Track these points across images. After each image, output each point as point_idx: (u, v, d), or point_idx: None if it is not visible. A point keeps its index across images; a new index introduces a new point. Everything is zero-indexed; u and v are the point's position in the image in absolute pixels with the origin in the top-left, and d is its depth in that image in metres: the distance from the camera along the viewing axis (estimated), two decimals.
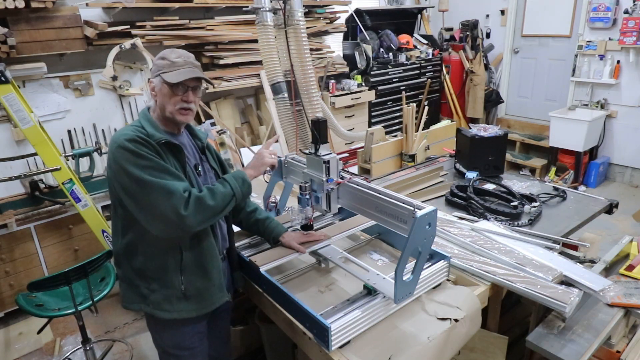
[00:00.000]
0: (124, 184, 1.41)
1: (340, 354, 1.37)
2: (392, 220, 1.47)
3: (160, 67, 1.49)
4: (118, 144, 1.41)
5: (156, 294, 1.53)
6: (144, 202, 1.40)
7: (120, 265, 1.60)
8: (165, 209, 1.37)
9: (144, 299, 1.56)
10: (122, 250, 1.56)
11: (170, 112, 1.51)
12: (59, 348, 2.91)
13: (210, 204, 1.44)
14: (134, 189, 1.39)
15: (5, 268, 3.04)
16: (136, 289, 1.56)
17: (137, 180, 1.38)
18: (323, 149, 1.71)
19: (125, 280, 1.60)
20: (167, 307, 1.54)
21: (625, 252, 1.97)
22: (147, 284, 1.54)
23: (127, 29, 3.64)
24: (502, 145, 2.78)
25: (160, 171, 1.41)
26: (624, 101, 4.92)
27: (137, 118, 1.58)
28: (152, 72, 1.52)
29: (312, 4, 4.84)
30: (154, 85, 1.52)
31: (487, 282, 1.69)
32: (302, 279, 1.78)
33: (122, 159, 1.39)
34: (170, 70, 1.48)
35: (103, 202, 3.39)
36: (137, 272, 1.55)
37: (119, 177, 1.42)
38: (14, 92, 2.54)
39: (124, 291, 1.62)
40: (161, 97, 1.51)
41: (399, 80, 5.55)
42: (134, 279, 1.56)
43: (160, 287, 1.53)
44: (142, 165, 1.39)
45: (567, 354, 1.46)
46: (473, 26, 5.90)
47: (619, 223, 4.12)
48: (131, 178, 1.38)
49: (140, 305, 1.57)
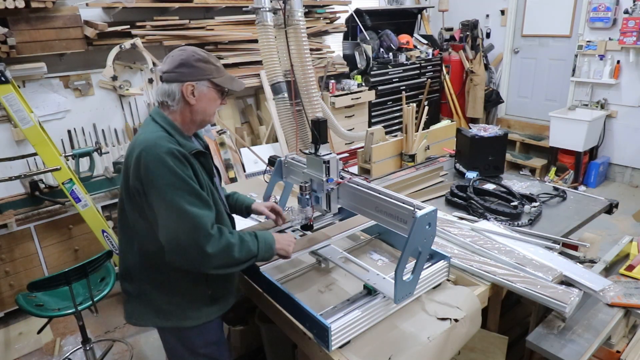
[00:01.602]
0: (154, 200, 1.34)
1: (340, 354, 1.37)
2: (392, 220, 1.47)
3: (207, 71, 1.44)
4: (156, 156, 1.32)
5: (179, 306, 1.49)
6: (169, 226, 1.33)
7: (132, 280, 1.51)
8: (188, 240, 1.31)
9: (162, 314, 1.49)
10: (139, 264, 1.47)
11: (210, 117, 1.50)
12: (59, 348, 2.91)
13: (235, 256, 1.39)
14: (163, 209, 1.33)
15: (5, 268, 3.04)
16: (151, 305, 1.50)
17: (167, 202, 1.32)
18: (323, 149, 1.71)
19: (138, 295, 1.51)
20: (195, 314, 1.51)
21: (625, 252, 1.97)
22: (168, 298, 1.48)
23: (127, 29, 3.64)
24: (502, 145, 2.78)
25: (194, 196, 1.34)
26: (624, 101, 4.92)
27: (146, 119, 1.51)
28: (191, 75, 1.43)
29: (312, 4, 4.84)
30: (194, 90, 1.44)
31: (487, 282, 1.69)
32: (302, 279, 1.78)
33: (157, 174, 1.32)
34: (219, 75, 1.47)
35: (103, 202, 3.39)
36: (156, 286, 1.48)
37: (149, 189, 1.34)
38: (14, 92, 2.54)
39: (133, 307, 1.54)
40: (205, 102, 1.46)
41: (399, 80, 5.55)
42: (150, 293, 1.49)
43: (183, 299, 1.49)
44: (177, 186, 1.32)
45: (567, 354, 1.46)
46: (473, 26, 5.90)
47: (619, 223, 4.12)
48: (161, 198, 1.32)
49: (155, 320, 1.51)
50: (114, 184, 3.40)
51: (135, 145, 1.40)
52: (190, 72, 1.43)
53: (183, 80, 1.43)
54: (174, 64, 1.44)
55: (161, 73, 1.47)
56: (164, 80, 1.46)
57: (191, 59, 1.43)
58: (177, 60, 1.44)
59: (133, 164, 1.37)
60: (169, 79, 1.44)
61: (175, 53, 1.47)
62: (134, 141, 1.44)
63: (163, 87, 1.46)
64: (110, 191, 3.45)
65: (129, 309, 1.56)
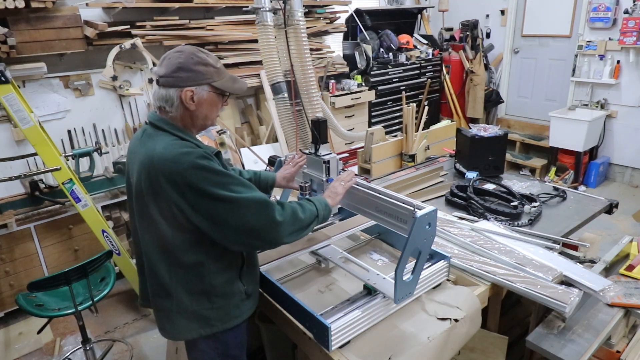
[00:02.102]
0: (202, 206, 1.29)
1: (340, 354, 1.37)
2: (392, 220, 1.47)
3: (207, 74, 1.37)
4: (190, 165, 1.27)
5: (221, 309, 1.46)
6: (232, 221, 1.30)
7: (169, 295, 1.43)
8: (259, 221, 1.32)
9: (206, 321, 1.45)
10: (175, 278, 1.42)
11: (212, 121, 1.45)
12: (59, 348, 2.91)
13: (301, 217, 1.42)
14: (219, 209, 1.29)
15: (5, 268, 3.04)
16: (194, 315, 1.44)
17: (225, 199, 1.29)
18: (323, 149, 1.71)
19: (178, 310, 1.44)
20: (236, 313, 1.49)
21: (625, 252, 1.97)
22: (210, 304, 1.44)
23: (127, 29, 3.64)
24: (502, 145, 2.78)
25: (242, 185, 1.33)
26: (624, 101, 4.92)
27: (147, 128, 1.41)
28: (190, 80, 1.35)
29: (312, 4, 4.84)
30: (194, 95, 1.36)
31: (487, 282, 1.70)
32: (302, 279, 1.78)
33: (201, 180, 1.27)
34: (220, 78, 1.40)
35: (103, 202, 3.39)
36: (196, 297, 1.43)
37: (192, 199, 1.29)
38: (14, 92, 2.54)
39: (177, 324, 1.46)
40: (206, 107, 1.40)
41: (399, 80, 5.55)
42: (191, 305, 1.43)
43: (224, 300, 1.46)
44: (224, 182, 1.30)
45: (567, 354, 1.46)
46: (473, 26, 5.90)
47: (619, 223, 4.12)
48: (215, 199, 1.28)
49: (200, 330, 1.46)
50: (114, 184, 3.40)
51: (158, 159, 1.29)
52: (189, 76, 1.35)
53: (182, 86, 1.35)
54: (171, 67, 1.35)
55: (157, 77, 1.38)
56: (160, 85, 1.37)
57: (190, 63, 1.35)
58: (175, 63, 1.35)
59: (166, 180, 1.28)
60: (167, 84, 1.36)
61: (172, 55, 1.37)
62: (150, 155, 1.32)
63: (160, 92, 1.37)
64: (110, 191, 3.45)
65: (169, 325, 1.48)
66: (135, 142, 1.45)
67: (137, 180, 1.38)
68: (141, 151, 1.37)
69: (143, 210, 1.40)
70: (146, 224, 1.42)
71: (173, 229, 1.35)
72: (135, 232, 1.53)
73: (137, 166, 1.37)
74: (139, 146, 1.40)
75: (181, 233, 1.36)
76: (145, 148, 1.36)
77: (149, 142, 1.37)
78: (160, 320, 1.51)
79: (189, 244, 1.38)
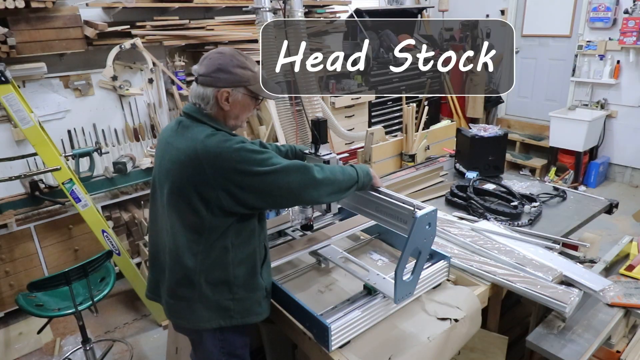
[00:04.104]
0: (249, 183, 1.36)
1: (340, 354, 1.38)
2: (392, 220, 1.47)
3: (244, 77, 1.43)
4: (232, 150, 1.35)
5: (241, 302, 1.49)
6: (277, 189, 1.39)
7: (192, 284, 1.47)
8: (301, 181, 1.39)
9: (226, 312, 1.48)
10: (199, 268, 1.45)
11: (242, 122, 1.51)
12: (59, 348, 2.91)
13: (340, 179, 1.48)
14: (265, 182, 1.37)
15: (5, 268, 3.04)
16: (216, 305, 1.48)
17: (268, 172, 1.36)
18: (323, 149, 1.71)
19: (200, 299, 1.48)
20: (258, 310, 1.52)
21: (625, 252, 1.97)
22: (232, 294, 1.48)
23: (127, 29, 3.64)
24: (502, 145, 2.78)
25: (279, 157, 1.42)
26: (624, 101, 4.92)
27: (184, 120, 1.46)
28: (228, 82, 1.42)
29: (312, 4, 4.84)
30: (229, 96, 1.43)
31: (487, 282, 1.70)
32: (302, 279, 1.78)
33: (244, 162, 1.35)
34: (256, 82, 1.46)
35: (103, 202, 3.39)
36: (219, 287, 1.47)
37: (240, 180, 1.36)
38: (14, 92, 2.54)
39: (197, 312, 1.49)
40: (239, 109, 1.47)
41: (399, 80, 5.55)
42: (213, 294, 1.47)
43: (245, 292, 1.49)
44: (264, 159, 1.37)
45: (567, 354, 1.46)
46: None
47: (619, 223, 4.12)
48: (259, 174, 1.36)
49: (220, 320, 1.49)
50: (114, 184, 3.40)
51: (202, 147, 1.36)
52: (227, 78, 1.41)
53: (219, 86, 1.41)
54: (211, 67, 1.41)
55: (197, 74, 1.44)
56: (199, 83, 1.44)
57: (229, 65, 1.41)
58: (215, 64, 1.41)
59: (213, 168, 1.35)
60: (205, 83, 1.42)
61: (213, 56, 1.44)
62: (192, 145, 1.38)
63: (198, 90, 1.44)
64: (110, 191, 3.44)
65: (189, 314, 1.51)
66: (170, 133, 1.49)
67: (175, 169, 1.42)
68: (180, 141, 1.42)
69: (179, 198, 1.43)
70: (178, 213, 1.45)
71: (212, 215, 1.40)
72: (155, 223, 1.57)
73: (175, 156, 1.41)
74: (175, 137, 1.45)
75: (220, 218, 1.41)
76: (185, 138, 1.41)
77: (188, 133, 1.42)
78: (180, 311, 1.53)
79: (216, 232, 1.42)
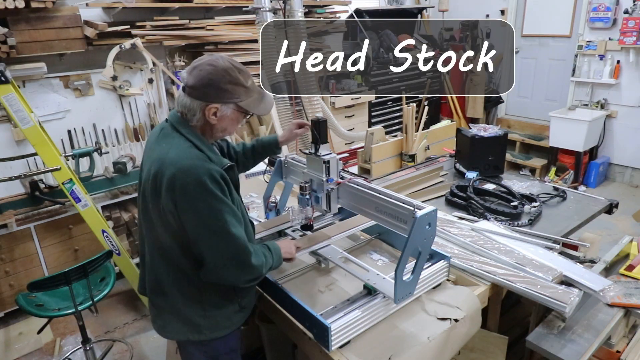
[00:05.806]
0: (193, 223, 1.31)
1: (340, 354, 1.38)
2: (392, 220, 1.47)
3: (235, 94, 1.35)
4: (196, 180, 1.27)
5: (212, 318, 1.46)
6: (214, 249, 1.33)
7: (164, 294, 1.45)
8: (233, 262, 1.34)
9: (196, 327, 1.45)
10: (171, 279, 1.43)
11: (229, 134, 1.48)
12: (59, 348, 2.91)
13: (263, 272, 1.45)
14: (206, 235, 1.31)
15: (5, 268, 3.04)
16: (185, 319, 1.45)
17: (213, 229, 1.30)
18: (323, 149, 1.71)
19: (171, 311, 1.47)
20: (226, 324, 1.50)
21: (625, 252, 1.97)
22: (203, 311, 1.45)
23: (127, 29, 3.64)
24: (502, 145, 2.78)
25: (233, 217, 1.34)
26: (624, 101, 4.92)
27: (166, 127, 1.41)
28: (217, 98, 1.34)
29: (312, 4, 4.84)
30: (217, 112, 1.35)
31: (487, 282, 1.70)
32: (302, 279, 1.78)
33: (199, 199, 1.28)
34: (248, 97, 1.38)
35: (103, 202, 3.39)
36: (188, 300, 1.44)
37: (187, 213, 1.30)
38: (14, 92, 2.54)
39: (165, 321, 1.49)
40: (227, 123, 1.40)
41: (399, 80, 5.55)
42: (183, 308, 1.44)
43: (217, 309, 1.46)
44: (219, 210, 1.30)
45: (567, 354, 1.46)
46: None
47: (619, 223, 4.12)
48: (205, 223, 1.30)
49: (189, 335, 1.47)
50: (114, 184, 3.40)
51: (166, 162, 1.31)
52: (217, 94, 1.34)
53: (208, 101, 1.34)
54: (201, 81, 1.32)
55: (184, 83, 1.35)
56: (186, 94, 1.35)
57: (221, 81, 1.32)
58: (206, 77, 1.32)
59: (166, 185, 1.29)
60: (193, 95, 1.34)
61: (204, 68, 1.33)
62: (161, 157, 1.34)
63: (184, 101, 1.36)
64: (110, 191, 3.44)
65: (160, 322, 1.52)
66: (153, 139, 1.47)
67: (146, 178, 1.40)
68: (156, 149, 1.39)
69: (146, 209, 1.43)
70: (148, 223, 1.44)
71: (168, 233, 1.37)
72: (140, 223, 1.56)
73: (149, 163, 1.38)
74: (155, 143, 1.42)
75: (174, 239, 1.37)
76: (161, 147, 1.37)
77: (164, 143, 1.38)
78: (154, 315, 1.55)
79: (183, 250, 1.38)
